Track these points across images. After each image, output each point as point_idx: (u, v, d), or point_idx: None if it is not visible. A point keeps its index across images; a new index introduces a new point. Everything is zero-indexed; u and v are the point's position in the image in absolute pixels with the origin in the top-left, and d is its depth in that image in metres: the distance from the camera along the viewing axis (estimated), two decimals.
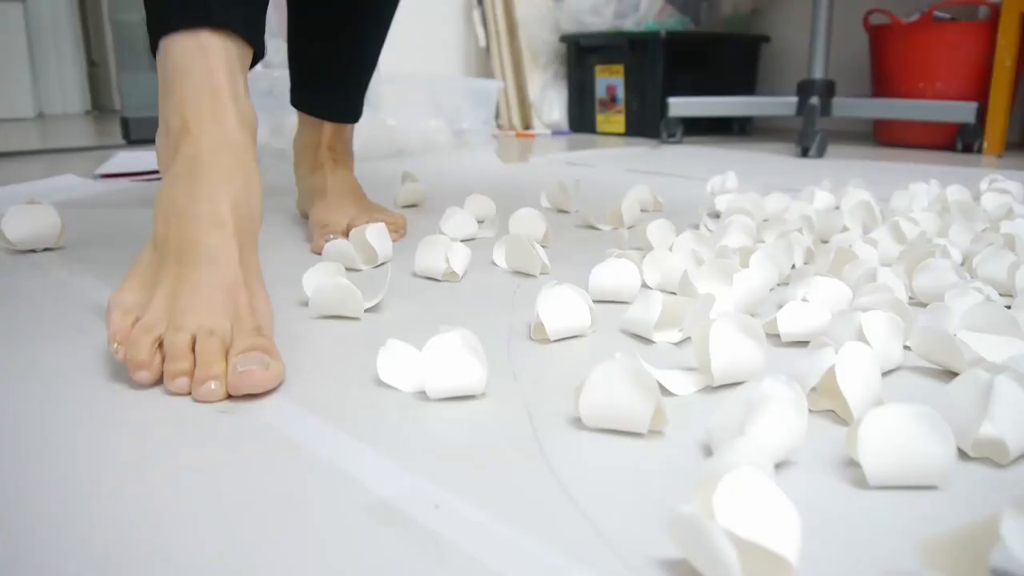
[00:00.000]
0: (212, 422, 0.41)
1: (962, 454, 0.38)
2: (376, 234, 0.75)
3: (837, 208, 0.99)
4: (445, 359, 0.44)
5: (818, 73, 1.85)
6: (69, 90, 3.53)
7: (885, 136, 2.03)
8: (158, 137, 0.54)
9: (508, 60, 2.39)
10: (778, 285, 0.67)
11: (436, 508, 0.33)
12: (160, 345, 0.45)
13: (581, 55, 2.33)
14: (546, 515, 0.33)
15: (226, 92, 0.50)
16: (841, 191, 1.01)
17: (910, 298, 0.62)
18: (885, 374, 0.48)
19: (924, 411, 0.35)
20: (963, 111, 1.74)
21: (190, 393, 0.43)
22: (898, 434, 0.35)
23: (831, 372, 0.42)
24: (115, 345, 0.46)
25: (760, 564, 0.29)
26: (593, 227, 0.93)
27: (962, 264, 0.71)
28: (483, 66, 2.54)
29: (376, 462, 0.37)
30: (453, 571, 0.29)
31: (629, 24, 2.20)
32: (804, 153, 1.71)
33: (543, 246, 0.81)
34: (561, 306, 0.54)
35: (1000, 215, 0.90)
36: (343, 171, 0.87)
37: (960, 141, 1.81)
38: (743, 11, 2.35)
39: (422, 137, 1.59)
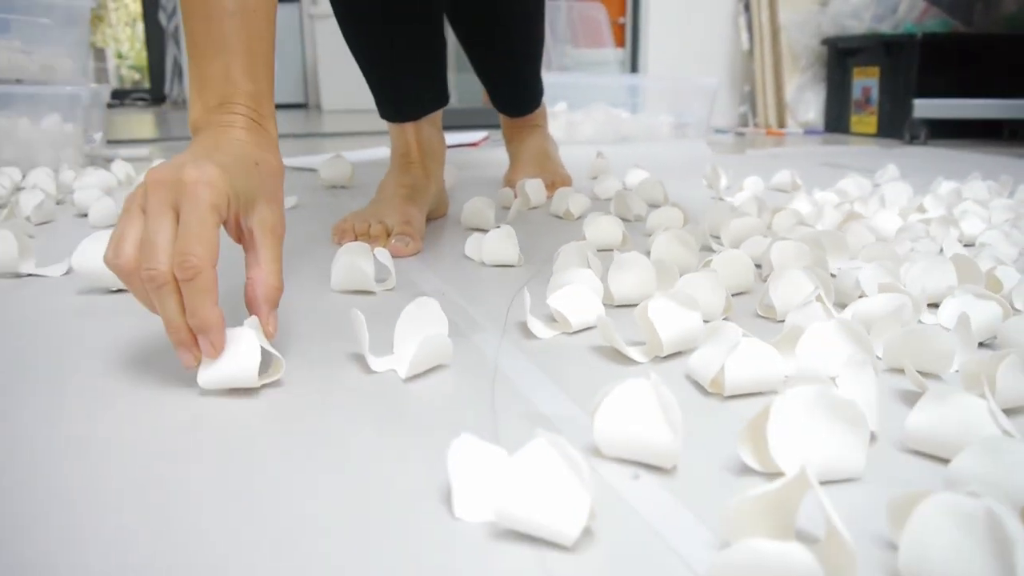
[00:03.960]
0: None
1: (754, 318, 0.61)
2: (532, 186, 1.07)
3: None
4: (494, 243, 0.75)
5: None
6: None
7: None
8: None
9: (769, 62, 2.54)
10: None
11: (443, 295, 0.65)
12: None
13: (840, 57, 2.40)
14: (480, 315, 0.63)
15: (415, 154, 0.91)
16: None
17: None
18: None
19: (710, 278, 0.59)
20: None
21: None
22: (674, 314, 0.59)
23: (711, 261, 0.66)
24: (335, 237, 0.85)
25: (560, 325, 0.57)
26: (721, 198, 1.16)
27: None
28: (745, 69, 2.70)
29: (429, 277, 0.70)
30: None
31: (886, 27, 2.23)
32: None
33: (655, 205, 1.07)
34: (601, 227, 0.82)
35: None
36: (533, 140, 1.20)
37: None
38: None
39: (646, 128, 1.87)
